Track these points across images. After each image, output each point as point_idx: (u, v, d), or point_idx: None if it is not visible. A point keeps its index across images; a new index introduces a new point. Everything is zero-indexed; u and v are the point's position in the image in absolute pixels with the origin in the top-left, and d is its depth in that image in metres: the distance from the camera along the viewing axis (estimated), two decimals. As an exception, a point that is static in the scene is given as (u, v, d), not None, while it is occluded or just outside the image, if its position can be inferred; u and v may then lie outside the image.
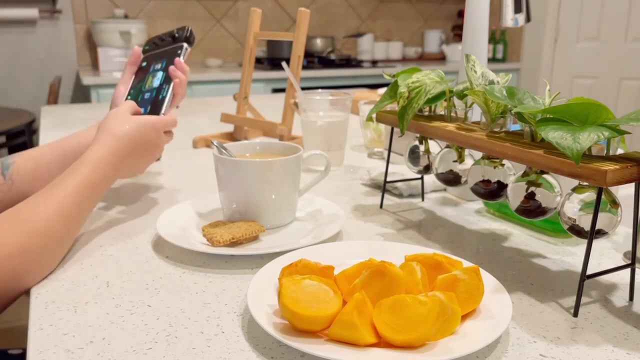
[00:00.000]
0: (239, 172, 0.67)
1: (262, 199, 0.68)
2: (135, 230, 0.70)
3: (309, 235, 0.66)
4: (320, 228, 0.68)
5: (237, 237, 0.62)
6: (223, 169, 0.68)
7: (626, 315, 0.51)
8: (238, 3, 3.31)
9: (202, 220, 0.71)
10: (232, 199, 0.68)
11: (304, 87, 1.11)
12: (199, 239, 0.65)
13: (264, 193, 0.67)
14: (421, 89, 0.65)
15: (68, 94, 3.11)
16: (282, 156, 0.69)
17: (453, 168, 0.66)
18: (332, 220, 0.69)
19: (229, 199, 0.69)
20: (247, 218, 0.68)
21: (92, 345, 0.46)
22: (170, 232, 0.64)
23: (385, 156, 1.05)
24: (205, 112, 1.59)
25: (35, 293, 0.54)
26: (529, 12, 0.73)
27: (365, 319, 0.43)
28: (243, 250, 0.61)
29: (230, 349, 0.45)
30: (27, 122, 2.35)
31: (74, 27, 3.04)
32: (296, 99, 1.06)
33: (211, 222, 0.68)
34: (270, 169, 0.67)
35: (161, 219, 0.67)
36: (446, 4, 3.88)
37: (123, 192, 0.86)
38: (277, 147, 0.75)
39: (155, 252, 0.63)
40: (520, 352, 0.45)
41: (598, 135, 0.47)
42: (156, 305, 0.52)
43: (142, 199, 0.83)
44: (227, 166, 0.67)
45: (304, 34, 1.05)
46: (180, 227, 0.67)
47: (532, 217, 0.55)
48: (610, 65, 3.14)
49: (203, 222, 0.70)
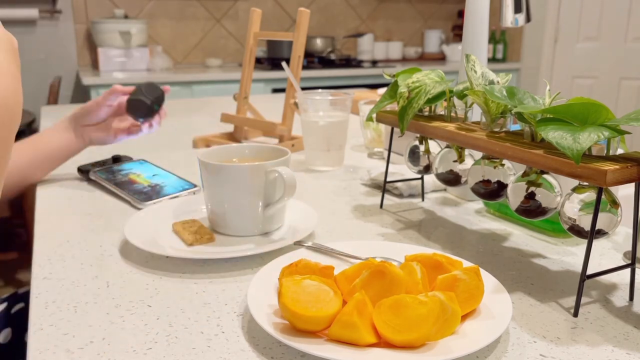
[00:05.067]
0: (202, 173, 0.66)
1: (217, 204, 0.66)
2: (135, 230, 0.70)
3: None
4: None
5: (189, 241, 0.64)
6: (199, 170, 0.67)
7: (626, 315, 0.51)
8: (238, 3, 3.31)
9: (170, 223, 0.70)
10: (205, 200, 0.68)
11: (304, 87, 1.11)
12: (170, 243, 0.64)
13: (217, 198, 0.66)
14: (421, 89, 0.65)
15: (68, 94, 3.10)
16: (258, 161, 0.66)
17: (453, 168, 0.66)
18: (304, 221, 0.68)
19: (205, 199, 0.69)
20: (216, 221, 0.67)
21: (92, 345, 0.46)
22: (141, 237, 0.63)
23: (385, 156, 1.05)
24: (205, 112, 1.59)
25: (35, 293, 0.54)
26: (529, 12, 0.73)
27: (365, 319, 0.43)
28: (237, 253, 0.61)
29: (230, 349, 0.45)
30: (27, 122, 2.35)
31: (74, 27, 3.04)
32: (296, 99, 1.06)
33: (182, 221, 0.68)
34: (222, 173, 0.64)
35: (128, 227, 0.66)
36: (446, 4, 3.88)
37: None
38: (266, 151, 0.72)
39: (155, 252, 0.63)
40: (520, 352, 0.45)
41: (598, 135, 0.47)
42: (156, 305, 0.52)
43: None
44: (201, 168, 0.66)
45: (304, 34, 1.05)
46: (149, 232, 0.66)
47: (532, 217, 0.55)
48: (610, 65, 3.14)
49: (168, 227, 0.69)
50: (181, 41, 3.25)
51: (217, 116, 1.45)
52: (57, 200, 0.82)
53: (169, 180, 0.86)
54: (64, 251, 0.64)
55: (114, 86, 0.91)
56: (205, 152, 0.68)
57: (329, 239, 0.67)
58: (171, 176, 0.88)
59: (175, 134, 1.28)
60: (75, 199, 0.83)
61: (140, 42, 2.95)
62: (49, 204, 0.80)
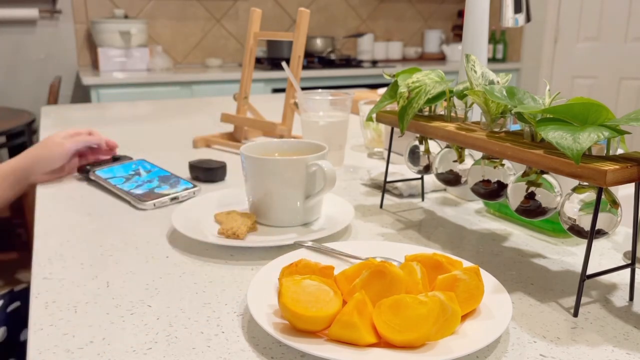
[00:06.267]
0: (246, 167, 0.69)
1: (260, 195, 0.69)
2: (135, 230, 0.70)
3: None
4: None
5: (232, 231, 0.65)
6: (242, 164, 0.71)
7: (626, 315, 0.51)
8: (238, 3, 3.31)
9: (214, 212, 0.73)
10: (247, 192, 0.71)
11: (304, 87, 1.11)
12: (212, 231, 0.67)
13: (260, 190, 0.69)
14: (421, 89, 0.65)
15: (68, 94, 3.11)
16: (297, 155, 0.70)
17: (453, 168, 0.66)
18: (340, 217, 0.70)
19: (246, 192, 0.72)
20: (259, 212, 0.70)
21: (92, 345, 0.46)
22: (184, 224, 0.67)
23: (385, 156, 1.05)
24: (205, 112, 1.59)
25: (35, 293, 0.54)
26: (529, 12, 0.73)
27: (365, 319, 0.43)
28: (244, 243, 0.61)
29: (230, 349, 0.45)
30: (27, 122, 2.35)
31: (74, 27, 3.04)
32: (296, 99, 1.06)
33: (220, 213, 0.71)
34: (266, 167, 0.67)
35: (176, 213, 0.70)
36: (446, 4, 3.88)
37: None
38: (304, 146, 0.75)
39: (155, 252, 0.64)
40: (520, 352, 0.45)
41: (598, 135, 0.47)
42: (156, 305, 0.52)
43: (142, 199, 0.83)
44: (242, 161, 0.70)
45: (304, 34, 1.05)
46: (193, 219, 0.69)
47: (532, 217, 0.55)
48: (610, 65, 3.14)
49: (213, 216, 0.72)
50: (181, 41, 3.25)
51: (217, 116, 1.45)
52: (57, 200, 0.82)
53: (169, 180, 0.86)
54: (64, 251, 0.64)
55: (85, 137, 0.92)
56: (248, 148, 0.71)
57: (329, 239, 0.67)
58: (171, 176, 0.88)
59: (175, 134, 1.28)
60: (75, 199, 0.83)
61: (140, 42, 2.95)
62: (49, 204, 0.80)
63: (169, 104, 1.76)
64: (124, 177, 0.87)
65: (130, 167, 0.91)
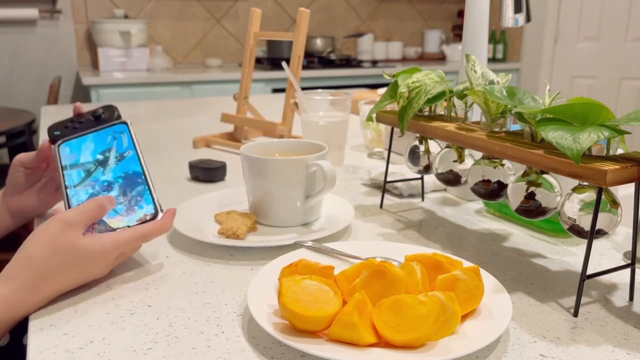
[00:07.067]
0: (246, 167, 0.70)
1: (260, 195, 0.69)
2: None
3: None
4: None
5: (232, 231, 0.65)
6: (242, 164, 0.71)
7: (626, 315, 0.51)
8: (238, 3, 3.31)
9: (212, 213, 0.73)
10: (247, 192, 0.72)
11: (304, 87, 1.11)
12: (212, 231, 0.67)
13: (260, 190, 0.69)
14: (421, 89, 0.65)
15: (68, 94, 3.11)
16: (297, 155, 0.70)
17: (453, 168, 0.66)
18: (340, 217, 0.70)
19: (246, 192, 0.72)
20: (259, 212, 0.70)
21: (92, 345, 0.46)
22: (184, 224, 0.67)
23: (385, 156, 1.05)
24: (205, 112, 1.59)
25: (35, 293, 0.54)
26: (529, 12, 0.73)
27: (365, 319, 0.43)
28: (245, 243, 0.61)
29: (230, 349, 0.45)
30: (27, 122, 2.35)
31: (74, 27, 3.04)
32: (296, 99, 1.06)
33: (220, 213, 0.71)
34: (266, 167, 0.67)
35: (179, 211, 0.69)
36: (446, 4, 3.88)
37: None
38: (304, 146, 0.75)
39: (156, 252, 0.63)
40: (520, 352, 0.45)
41: (598, 135, 0.47)
42: (156, 305, 0.52)
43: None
44: (242, 161, 0.70)
45: (304, 34, 1.05)
46: (193, 219, 0.70)
47: (532, 217, 0.55)
48: (610, 65, 3.14)
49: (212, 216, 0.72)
50: (181, 41, 3.25)
51: (217, 116, 1.45)
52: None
53: (132, 191, 0.62)
54: (64, 251, 0.64)
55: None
56: (248, 148, 0.71)
57: (329, 239, 0.67)
58: (140, 183, 0.62)
59: (175, 134, 1.28)
60: (75, 199, 0.82)
61: (140, 42, 2.95)
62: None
63: (169, 104, 1.76)
64: (84, 168, 0.64)
65: (105, 139, 0.67)
